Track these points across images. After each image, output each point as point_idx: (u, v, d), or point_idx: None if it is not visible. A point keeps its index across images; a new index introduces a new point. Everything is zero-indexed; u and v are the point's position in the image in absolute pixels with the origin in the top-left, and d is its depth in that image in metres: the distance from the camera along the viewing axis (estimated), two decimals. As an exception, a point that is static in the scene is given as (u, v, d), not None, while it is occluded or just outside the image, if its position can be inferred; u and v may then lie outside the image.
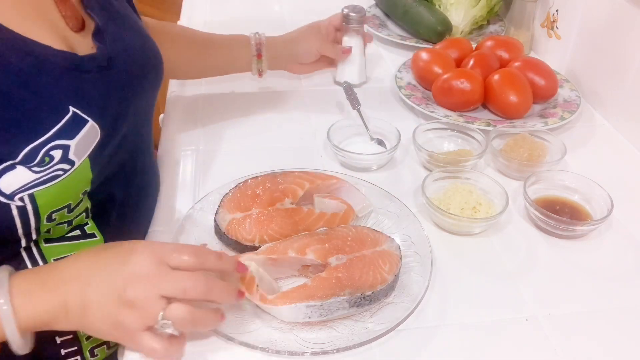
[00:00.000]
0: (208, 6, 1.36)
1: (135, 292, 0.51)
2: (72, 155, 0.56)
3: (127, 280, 0.52)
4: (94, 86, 0.59)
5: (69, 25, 0.60)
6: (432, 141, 0.88)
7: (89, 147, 0.58)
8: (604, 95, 0.97)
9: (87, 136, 0.57)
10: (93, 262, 0.55)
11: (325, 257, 0.63)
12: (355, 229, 0.67)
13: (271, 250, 0.64)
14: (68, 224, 0.62)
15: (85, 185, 0.60)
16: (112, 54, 0.62)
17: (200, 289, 0.53)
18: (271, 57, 0.97)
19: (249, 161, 0.85)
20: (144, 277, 0.52)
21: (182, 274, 0.53)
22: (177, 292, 0.52)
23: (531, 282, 0.67)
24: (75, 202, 0.60)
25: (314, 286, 0.59)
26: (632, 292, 0.66)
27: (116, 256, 0.54)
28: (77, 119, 0.56)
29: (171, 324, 0.52)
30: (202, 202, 0.73)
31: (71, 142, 0.55)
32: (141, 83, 0.69)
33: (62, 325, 0.54)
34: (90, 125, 0.57)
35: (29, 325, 0.52)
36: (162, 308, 0.52)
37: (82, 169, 0.58)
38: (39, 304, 0.52)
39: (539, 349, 0.60)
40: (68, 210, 0.59)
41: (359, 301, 0.59)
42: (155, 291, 0.52)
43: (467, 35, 1.19)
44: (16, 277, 0.53)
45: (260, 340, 0.57)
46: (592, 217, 0.74)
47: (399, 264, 0.63)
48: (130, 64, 0.66)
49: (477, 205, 0.73)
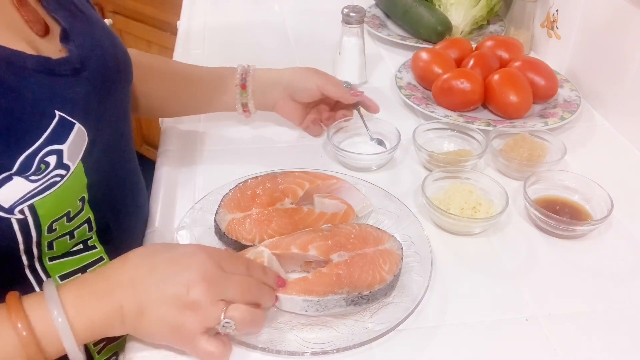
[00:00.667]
0: (208, 6, 1.36)
1: (199, 294, 0.52)
2: (67, 159, 0.55)
3: (191, 283, 0.52)
4: (71, 90, 0.58)
5: (33, 30, 0.58)
6: (432, 141, 0.88)
7: (80, 150, 0.57)
8: (604, 95, 0.97)
9: (77, 139, 0.56)
10: (146, 266, 0.54)
11: (328, 253, 0.63)
12: (359, 226, 0.67)
13: (274, 245, 0.64)
14: (70, 237, 0.61)
15: (81, 191, 0.59)
16: (83, 56, 0.61)
17: (254, 293, 0.56)
18: (258, 88, 0.85)
19: (249, 161, 0.85)
20: (207, 280, 0.53)
21: (239, 277, 0.55)
22: (236, 295, 0.54)
23: (531, 282, 0.67)
24: (74, 209, 0.59)
25: (313, 281, 0.60)
26: (632, 292, 0.66)
27: (173, 260, 0.55)
28: (64, 123, 0.55)
29: (233, 324, 0.53)
30: (202, 202, 0.73)
31: (63, 146, 0.55)
32: (115, 82, 0.67)
33: (117, 331, 0.53)
34: (78, 128, 0.56)
35: (86, 336, 0.52)
36: (222, 310, 0.53)
37: (77, 173, 0.57)
38: (94, 312, 0.51)
39: (539, 349, 0.60)
40: (67, 218, 0.59)
41: (356, 300, 0.60)
42: (217, 294, 0.53)
43: (467, 35, 1.19)
44: (64, 288, 0.52)
45: (260, 340, 0.57)
46: (592, 217, 0.74)
47: (399, 263, 0.63)
48: (103, 63, 0.64)
49: (477, 205, 0.73)
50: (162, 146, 0.89)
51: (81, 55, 0.60)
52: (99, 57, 0.63)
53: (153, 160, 0.88)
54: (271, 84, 0.85)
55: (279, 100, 0.86)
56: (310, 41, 1.21)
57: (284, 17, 1.32)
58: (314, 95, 0.85)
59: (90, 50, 0.62)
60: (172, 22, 1.46)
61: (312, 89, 0.84)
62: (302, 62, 1.12)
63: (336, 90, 0.85)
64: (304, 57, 1.15)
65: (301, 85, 0.84)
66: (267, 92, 0.86)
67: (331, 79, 0.86)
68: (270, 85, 0.85)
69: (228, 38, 1.22)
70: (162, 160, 0.86)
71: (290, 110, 0.87)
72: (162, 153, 0.88)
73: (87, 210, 0.62)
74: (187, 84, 0.86)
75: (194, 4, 1.37)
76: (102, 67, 0.63)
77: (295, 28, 1.27)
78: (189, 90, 0.86)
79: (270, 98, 0.86)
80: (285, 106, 0.87)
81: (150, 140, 2.30)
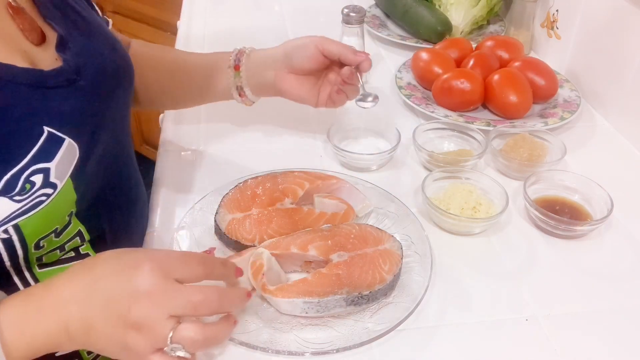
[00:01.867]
0: (208, 6, 1.36)
1: (140, 312, 0.47)
2: (54, 178, 0.53)
3: (132, 299, 0.47)
4: (64, 102, 0.56)
5: (28, 39, 0.56)
6: (432, 141, 0.88)
7: (69, 167, 0.55)
8: (604, 95, 0.97)
9: (66, 156, 0.54)
10: (91, 280, 0.50)
11: (327, 253, 0.63)
12: (359, 226, 0.67)
13: (274, 245, 0.64)
14: (60, 250, 0.59)
15: (70, 207, 0.57)
16: (80, 64, 0.59)
17: (214, 303, 0.50)
18: (253, 68, 0.78)
19: (249, 161, 0.85)
20: (150, 295, 0.48)
21: (191, 289, 0.49)
22: (187, 310, 0.48)
23: (531, 282, 0.67)
24: (62, 225, 0.57)
25: (313, 282, 0.60)
26: (632, 292, 0.66)
27: (116, 272, 0.49)
28: (53, 139, 0.53)
29: (182, 347, 0.48)
30: (202, 202, 0.73)
31: (50, 164, 0.52)
32: (114, 90, 0.65)
33: (67, 347, 0.50)
34: (68, 144, 0.54)
35: (27, 354, 0.49)
36: (171, 328, 0.48)
37: (65, 191, 0.55)
38: (37, 331, 0.48)
39: (539, 349, 0.60)
40: (55, 234, 0.57)
41: (357, 300, 0.60)
42: (163, 310, 0.48)
43: (467, 35, 1.19)
44: (6, 306, 0.49)
45: (260, 340, 0.57)
46: (592, 217, 0.74)
47: (399, 263, 0.63)
48: (101, 71, 0.62)
49: (477, 205, 0.73)
50: (162, 146, 0.89)
51: (77, 63, 0.59)
52: (97, 65, 0.62)
53: (153, 160, 0.88)
54: (266, 60, 0.78)
55: (277, 77, 0.77)
56: (310, 41, 1.21)
57: (284, 17, 1.32)
58: (314, 56, 0.75)
59: (87, 57, 0.61)
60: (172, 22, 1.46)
61: (309, 49, 0.75)
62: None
63: (335, 46, 0.76)
64: (304, 57, 1.15)
65: (297, 49, 0.76)
66: (263, 71, 0.78)
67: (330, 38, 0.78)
68: (265, 62, 0.78)
69: (228, 38, 1.22)
70: (162, 160, 0.86)
71: (294, 86, 0.78)
72: (162, 153, 0.88)
73: (75, 224, 0.60)
74: (184, 72, 0.82)
75: (194, 4, 1.36)
76: (100, 75, 0.62)
77: (295, 28, 1.26)
78: (185, 79, 0.82)
79: (267, 76, 0.78)
80: (286, 81, 0.77)
81: (150, 140, 2.30)
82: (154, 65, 0.83)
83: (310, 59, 0.76)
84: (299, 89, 0.78)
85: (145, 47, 0.83)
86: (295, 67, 0.77)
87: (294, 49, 0.77)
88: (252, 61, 0.79)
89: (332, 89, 0.79)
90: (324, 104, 0.80)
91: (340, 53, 0.76)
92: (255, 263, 0.62)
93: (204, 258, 0.53)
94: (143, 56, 0.80)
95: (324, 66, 0.78)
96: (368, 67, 0.76)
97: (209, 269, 0.52)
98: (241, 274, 0.57)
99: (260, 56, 0.79)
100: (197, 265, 0.51)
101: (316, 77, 0.79)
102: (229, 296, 0.52)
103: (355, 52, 0.76)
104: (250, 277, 0.61)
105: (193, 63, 0.83)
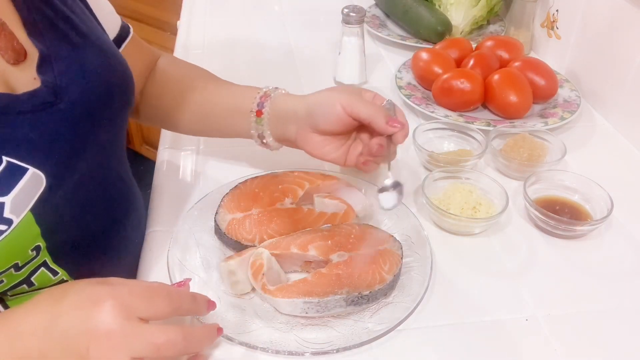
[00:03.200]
0: (208, 6, 1.36)
1: (99, 353, 0.44)
2: (9, 213, 0.49)
3: (90, 340, 0.44)
4: (34, 128, 0.51)
5: (4, 58, 0.52)
6: (432, 141, 0.88)
7: (30, 200, 0.51)
8: (604, 95, 0.97)
9: (28, 187, 0.50)
10: (51, 314, 0.46)
11: (327, 253, 0.63)
12: (359, 226, 0.67)
13: (274, 245, 0.64)
14: (28, 285, 0.56)
15: (32, 241, 0.53)
16: (61, 85, 0.55)
17: (178, 345, 0.47)
18: (275, 117, 0.69)
19: (249, 161, 0.85)
20: (109, 336, 0.44)
21: (153, 330, 0.46)
22: (149, 352, 0.45)
23: (531, 282, 0.67)
24: (24, 260, 0.53)
25: (313, 282, 0.60)
26: (632, 292, 0.66)
27: (76, 308, 0.46)
28: (12, 169, 0.49)
29: None
30: (202, 202, 0.73)
31: (5, 198, 0.48)
32: (104, 111, 0.60)
33: None
34: (32, 174, 0.50)
35: None
36: None
37: (24, 225, 0.51)
38: None
39: (539, 349, 0.60)
40: (15, 269, 0.53)
41: (357, 300, 0.60)
42: (122, 353, 0.45)
43: (467, 35, 1.19)
44: None
45: (260, 340, 0.57)
46: (592, 217, 0.74)
47: (399, 263, 0.63)
48: (88, 92, 0.57)
49: (477, 205, 0.73)
50: (162, 146, 0.89)
51: (59, 84, 0.55)
52: (84, 86, 0.57)
53: (153, 160, 0.88)
54: (288, 112, 0.69)
55: (299, 135, 0.68)
56: (310, 41, 1.21)
57: (284, 17, 1.32)
58: (341, 119, 0.65)
59: (73, 77, 0.56)
60: (172, 22, 1.46)
61: (335, 110, 0.64)
62: (302, 62, 1.13)
63: (367, 110, 0.64)
64: (304, 57, 1.15)
65: (322, 109, 0.65)
66: (284, 124, 0.70)
67: (362, 95, 0.67)
68: (287, 114, 0.69)
69: (228, 38, 1.22)
70: (162, 161, 0.86)
71: (317, 147, 0.68)
72: (162, 153, 0.88)
73: (43, 256, 0.56)
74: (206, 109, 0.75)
75: (194, 4, 1.36)
76: (86, 96, 0.57)
77: (295, 28, 1.27)
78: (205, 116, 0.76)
79: (290, 131, 0.69)
80: (308, 143, 0.68)
81: (150, 140, 2.30)
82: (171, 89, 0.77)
83: (336, 122, 0.65)
84: (323, 150, 0.68)
85: (171, 67, 0.77)
86: (320, 128, 0.67)
87: (317, 107, 0.66)
88: (275, 108, 0.70)
89: (364, 148, 0.68)
90: (353, 165, 0.70)
91: (371, 119, 0.64)
92: (255, 263, 0.62)
93: (170, 293, 0.49)
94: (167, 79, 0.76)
95: (352, 128, 0.67)
96: (402, 140, 0.65)
97: (176, 304, 0.49)
98: (214, 308, 0.53)
99: (282, 107, 0.70)
100: (162, 301, 0.48)
101: (345, 136, 0.69)
102: (196, 336, 0.49)
103: (389, 120, 0.64)
104: (250, 277, 0.61)
105: (216, 102, 0.75)
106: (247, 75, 0.97)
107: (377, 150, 0.65)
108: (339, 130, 0.67)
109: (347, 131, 0.68)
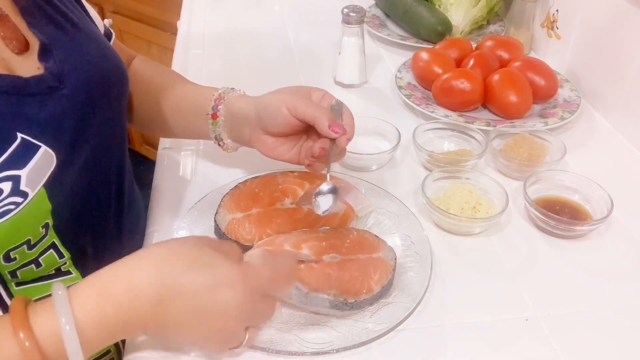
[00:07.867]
0: (208, 6, 1.36)
1: (225, 325, 0.51)
2: (24, 186, 0.51)
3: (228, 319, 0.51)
4: (43, 109, 0.54)
5: (9, 47, 0.55)
6: (432, 141, 0.88)
7: (43, 175, 0.53)
8: (604, 95, 0.97)
9: (41, 164, 0.53)
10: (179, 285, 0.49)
11: (320, 254, 0.63)
12: (357, 231, 0.67)
13: (268, 242, 0.64)
14: (37, 265, 0.58)
15: (44, 217, 0.56)
16: (63, 72, 0.58)
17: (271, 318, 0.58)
18: (229, 119, 0.70)
19: (249, 161, 0.85)
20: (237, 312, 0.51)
21: (266, 308, 0.56)
22: (260, 324, 0.57)
23: (531, 282, 0.67)
24: (36, 237, 0.56)
25: (305, 271, 0.60)
26: (632, 292, 0.66)
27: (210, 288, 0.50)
28: (27, 146, 0.52)
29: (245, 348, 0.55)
30: (202, 202, 0.73)
31: (21, 171, 0.51)
32: (103, 98, 0.63)
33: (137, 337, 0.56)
34: (44, 152, 0.53)
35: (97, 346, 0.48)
36: (244, 337, 0.54)
37: (38, 200, 0.53)
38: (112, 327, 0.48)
39: (539, 349, 0.60)
40: (28, 246, 0.55)
41: (340, 305, 0.60)
42: (243, 325, 0.53)
43: (467, 35, 1.19)
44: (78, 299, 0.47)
45: (260, 340, 0.57)
46: (592, 217, 0.74)
47: (389, 274, 0.63)
48: (88, 79, 0.60)
49: (477, 205, 0.73)
50: (162, 146, 0.89)
51: (61, 70, 0.58)
52: (84, 74, 0.60)
53: (153, 160, 0.88)
54: (240, 116, 0.69)
55: (252, 137, 0.69)
56: (310, 41, 1.21)
57: (284, 17, 1.32)
58: (288, 121, 0.65)
59: (73, 64, 0.59)
60: (172, 22, 1.46)
61: (280, 112, 0.64)
62: (302, 62, 1.13)
63: (311, 112, 0.63)
64: (304, 57, 1.15)
65: (269, 111, 0.66)
66: (239, 126, 0.70)
67: (311, 95, 0.68)
68: (239, 117, 0.70)
69: (228, 38, 1.22)
70: (162, 160, 0.86)
71: (270, 148, 0.68)
72: (162, 153, 0.88)
73: (51, 236, 0.58)
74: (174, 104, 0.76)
75: (194, 4, 1.37)
76: (86, 83, 0.60)
77: (295, 28, 1.27)
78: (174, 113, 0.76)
79: (243, 133, 0.70)
80: (262, 142, 0.68)
81: (150, 140, 2.30)
82: (145, 89, 0.78)
83: (283, 125, 0.65)
84: (276, 151, 0.69)
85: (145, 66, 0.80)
86: (269, 131, 0.67)
87: (264, 109, 0.66)
88: (230, 110, 0.70)
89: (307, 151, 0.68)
90: (309, 165, 0.69)
91: (314, 122, 0.63)
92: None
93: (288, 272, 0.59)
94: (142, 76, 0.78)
95: (301, 129, 0.67)
96: (345, 143, 0.64)
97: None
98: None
99: (236, 110, 0.70)
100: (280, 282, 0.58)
101: (297, 136, 0.69)
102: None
103: (331, 125, 0.63)
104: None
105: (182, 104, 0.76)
106: (247, 75, 0.97)
107: (320, 153, 0.65)
108: (287, 132, 0.67)
109: (296, 132, 0.68)
